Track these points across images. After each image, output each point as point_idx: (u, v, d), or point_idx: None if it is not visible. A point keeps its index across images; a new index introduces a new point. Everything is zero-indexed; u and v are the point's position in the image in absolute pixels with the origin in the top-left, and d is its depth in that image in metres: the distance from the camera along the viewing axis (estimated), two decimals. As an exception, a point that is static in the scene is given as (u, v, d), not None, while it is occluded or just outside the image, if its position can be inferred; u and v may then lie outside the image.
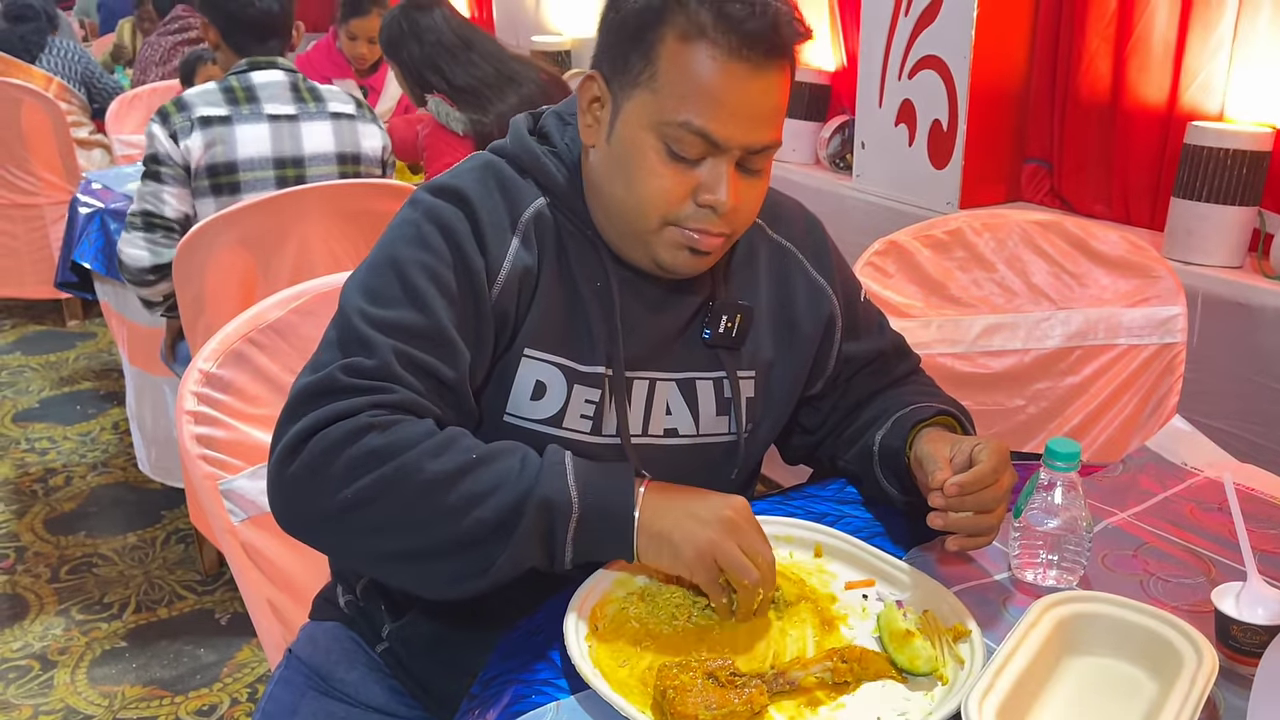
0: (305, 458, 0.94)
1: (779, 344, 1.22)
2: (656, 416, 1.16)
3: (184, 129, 2.19)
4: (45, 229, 4.16)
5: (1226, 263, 1.95)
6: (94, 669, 2.30)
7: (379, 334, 0.99)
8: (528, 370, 1.09)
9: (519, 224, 1.09)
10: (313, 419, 0.95)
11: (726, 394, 1.19)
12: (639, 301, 1.14)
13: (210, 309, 2.12)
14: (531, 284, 1.08)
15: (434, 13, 2.63)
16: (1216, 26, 1.97)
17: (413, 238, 1.05)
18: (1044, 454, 1.07)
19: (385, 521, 0.95)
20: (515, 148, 1.15)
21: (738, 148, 1.03)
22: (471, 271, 1.04)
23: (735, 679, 0.92)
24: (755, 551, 0.99)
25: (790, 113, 2.80)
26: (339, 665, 1.22)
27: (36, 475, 3.15)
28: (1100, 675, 0.96)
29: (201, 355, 1.35)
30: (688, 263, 1.09)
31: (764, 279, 1.22)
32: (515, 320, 1.08)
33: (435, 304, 1.02)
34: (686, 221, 1.06)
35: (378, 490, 0.93)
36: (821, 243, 1.28)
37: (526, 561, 0.98)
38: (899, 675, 0.95)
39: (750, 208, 1.09)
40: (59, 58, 4.44)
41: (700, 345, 1.18)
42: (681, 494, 1.02)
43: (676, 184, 1.04)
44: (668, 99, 1.02)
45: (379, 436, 0.94)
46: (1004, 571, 1.10)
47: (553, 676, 0.95)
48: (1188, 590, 1.07)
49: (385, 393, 0.97)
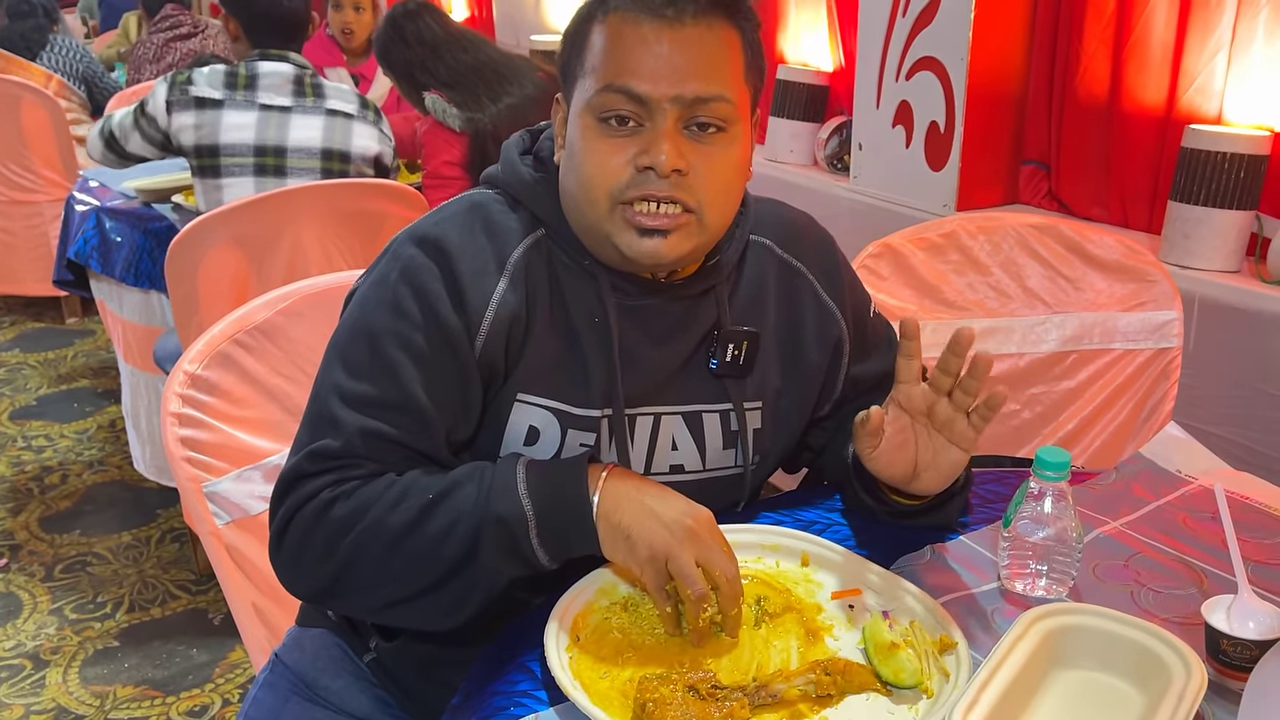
0: (288, 543, 1.02)
1: (786, 372, 1.19)
2: (661, 452, 1.14)
3: (180, 103, 2.28)
4: (44, 226, 4.16)
5: (1224, 267, 1.94)
6: (86, 668, 2.29)
7: (349, 410, 1.02)
8: (520, 415, 1.08)
9: (506, 266, 1.06)
10: (288, 507, 1.01)
11: (733, 426, 1.16)
12: (642, 334, 1.11)
13: (204, 308, 2.11)
14: (521, 328, 1.06)
15: (421, 18, 2.66)
16: (1215, 29, 1.96)
17: (387, 302, 1.04)
18: (1034, 463, 1.06)
19: (369, 579, 1.00)
20: (506, 176, 1.13)
21: (666, 101, 1.00)
22: (447, 330, 1.03)
23: (716, 692, 0.91)
24: (712, 564, 0.95)
25: (788, 113, 2.79)
26: (324, 673, 1.21)
27: (33, 473, 3.15)
28: (1088, 689, 0.94)
29: (187, 357, 1.34)
30: (648, 249, 1.03)
31: (772, 303, 1.19)
32: (506, 367, 1.07)
33: (405, 373, 1.03)
34: (629, 192, 1.01)
35: (353, 554, 0.99)
36: (833, 262, 1.24)
37: (506, 576, 0.99)
38: (883, 688, 0.94)
39: (713, 183, 1.03)
40: (60, 55, 4.44)
41: (706, 375, 1.14)
42: (646, 487, 1.00)
43: (613, 153, 1.02)
44: (595, 74, 1.03)
45: (343, 505, 0.99)
46: (993, 582, 1.09)
47: (532, 688, 0.94)
48: (1179, 601, 1.06)
49: (350, 469, 1.02)
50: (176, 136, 2.30)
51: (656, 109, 1.01)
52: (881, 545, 1.15)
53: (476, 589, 0.99)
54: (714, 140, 1.03)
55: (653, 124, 1.01)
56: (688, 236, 1.04)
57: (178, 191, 2.73)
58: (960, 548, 1.15)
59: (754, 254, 1.19)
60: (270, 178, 2.31)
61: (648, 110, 1.01)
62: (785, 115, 2.79)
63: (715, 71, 1.02)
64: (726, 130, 1.04)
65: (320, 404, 1.05)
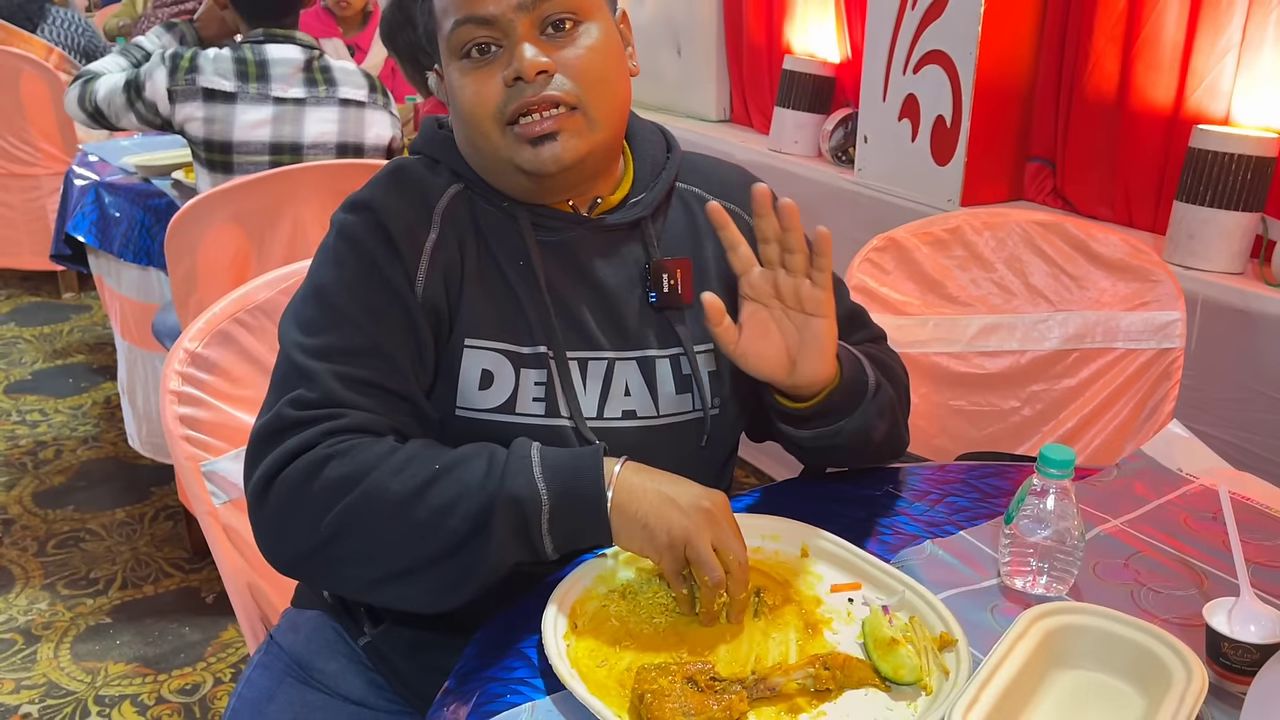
0: (274, 501, 0.97)
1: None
2: (615, 397, 1.14)
3: (185, 93, 2.21)
4: (43, 200, 4.14)
5: (1228, 269, 1.93)
6: (78, 644, 2.29)
7: (316, 361, 1.02)
8: (471, 360, 1.09)
9: (434, 215, 1.10)
10: (272, 460, 0.97)
11: (685, 370, 1.16)
12: (568, 272, 1.13)
13: (203, 285, 2.10)
14: (458, 273, 1.09)
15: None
16: (1225, 30, 1.95)
17: (330, 260, 1.08)
18: (1038, 460, 1.05)
19: (362, 548, 0.96)
20: (423, 141, 1.18)
21: (511, 11, 1.03)
22: (388, 278, 1.05)
23: (715, 684, 0.90)
24: (726, 549, 0.96)
25: (794, 104, 2.78)
26: (319, 655, 1.21)
27: (26, 448, 3.14)
28: (1087, 689, 0.94)
29: (187, 335, 1.33)
30: (545, 156, 1.05)
31: (709, 240, 1.19)
32: (449, 311, 1.08)
33: (361, 319, 1.04)
34: (510, 106, 1.05)
35: (349, 519, 0.95)
36: None
37: (510, 559, 0.98)
38: (882, 684, 0.94)
39: (583, 72, 1.05)
40: (60, 28, 4.41)
41: (653, 320, 1.15)
42: (660, 477, 1.00)
43: (485, 81, 1.06)
44: (445, 19, 1.08)
45: (339, 465, 0.96)
46: (993, 578, 1.09)
47: (529, 675, 0.93)
48: (1179, 602, 1.05)
49: (335, 419, 0.99)
50: (182, 125, 2.26)
51: (506, 24, 1.04)
52: (881, 537, 1.14)
53: (476, 572, 0.96)
54: (572, 33, 1.06)
55: (509, 40, 1.05)
56: (578, 133, 1.06)
57: (178, 168, 2.72)
58: (960, 543, 1.14)
59: (682, 199, 1.21)
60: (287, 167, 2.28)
61: (501, 29, 1.05)
62: (790, 106, 2.78)
63: None
64: (582, 20, 1.07)
65: (285, 364, 1.05)
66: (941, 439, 1.83)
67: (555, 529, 0.97)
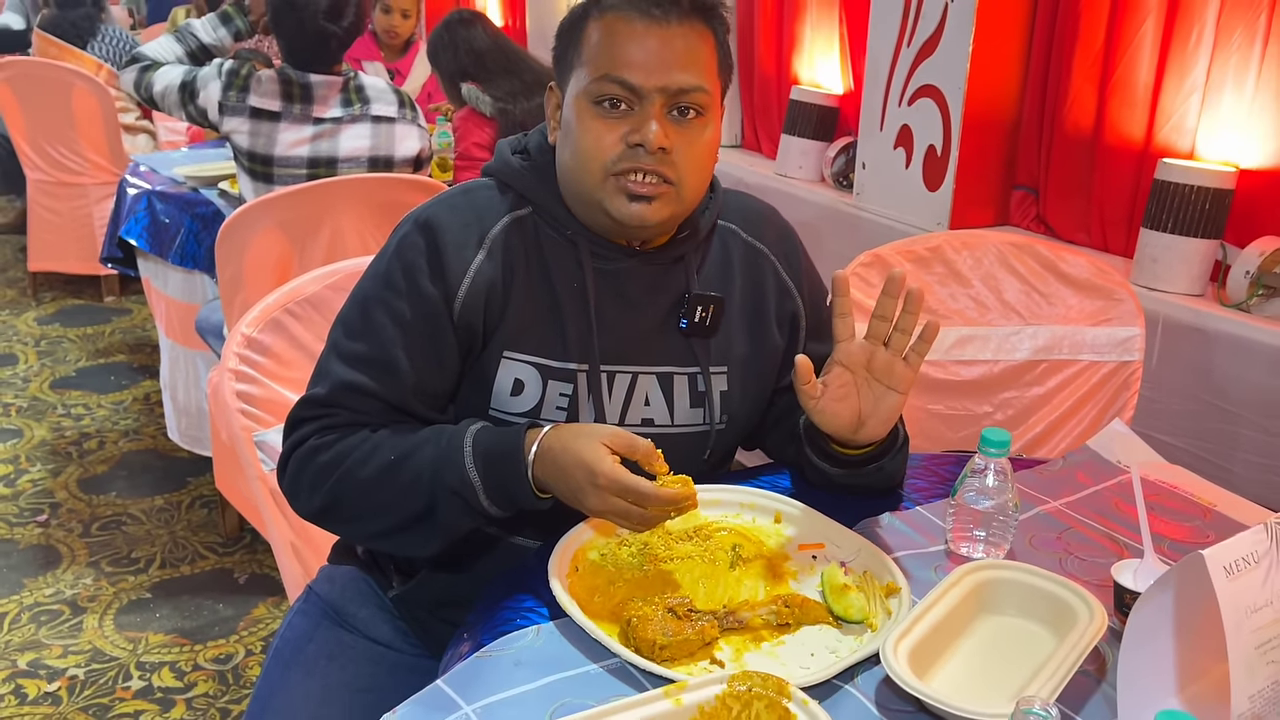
0: (287, 479, 1.23)
1: (751, 341, 1.35)
2: (635, 407, 1.29)
3: (235, 109, 2.43)
4: (89, 208, 4.36)
5: (1188, 290, 2.09)
6: (120, 616, 2.47)
7: (338, 363, 1.22)
8: (506, 371, 1.24)
9: (485, 240, 1.23)
10: (287, 446, 1.23)
11: (700, 388, 1.31)
12: (617, 297, 1.27)
13: (249, 286, 2.29)
14: (500, 294, 1.22)
15: (473, 26, 2.89)
16: (1191, 72, 2.12)
17: (381, 271, 1.24)
18: (979, 442, 1.22)
19: (350, 517, 1.21)
20: (498, 166, 1.30)
21: (655, 90, 1.17)
22: (426, 299, 1.21)
23: (691, 614, 1.07)
24: (630, 493, 1.06)
25: (799, 132, 2.96)
26: (352, 603, 1.38)
27: (72, 438, 3.34)
28: (1007, 631, 1.10)
29: (245, 320, 1.51)
30: (635, 211, 1.19)
31: (738, 278, 1.35)
32: (485, 329, 1.23)
33: (386, 334, 1.21)
34: (621, 164, 1.17)
35: (333, 497, 1.19)
36: (793, 248, 1.40)
37: (465, 527, 1.19)
38: (835, 622, 1.10)
39: (691, 160, 1.19)
40: (109, 45, 4.64)
41: (677, 340, 1.29)
42: (561, 463, 1.10)
43: (607, 131, 1.18)
44: (591, 65, 1.19)
45: (324, 455, 1.19)
46: (940, 544, 1.25)
47: (536, 605, 1.10)
48: (1099, 568, 1.21)
49: (329, 417, 1.21)
50: (229, 135, 2.47)
51: (646, 96, 1.17)
52: (846, 509, 1.29)
53: (439, 536, 1.19)
54: (692, 124, 1.20)
55: (641, 109, 1.18)
56: (667, 204, 1.20)
57: (224, 179, 2.92)
58: (914, 516, 1.31)
59: (721, 236, 1.36)
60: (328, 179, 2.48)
61: (638, 97, 1.18)
62: (796, 134, 2.96)
63: (695, 65, 1.19)
64: (703, 115, 1.20)
65: (322, 358, 1.26)
66: (919, 440, 1.98)
67: (496, 502, 1.16)
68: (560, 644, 1.04)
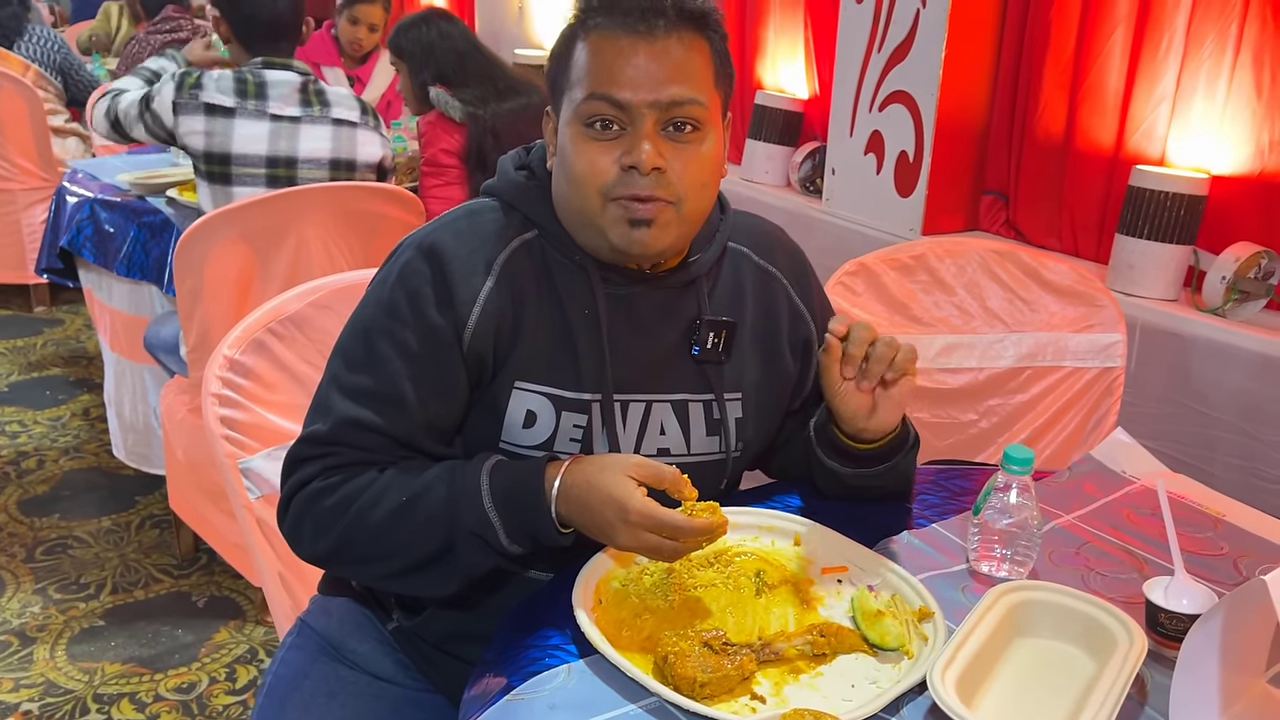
0: (289, 521, 1.17)
1: (764, 366, 1.31)
2: (651, 437, 1.24)
3: (188, 106, 2.35)
4: (17, 215, 4.18)
5: (1163, 295, 2.11)
6: (73, 646, 2.35)
7: (340, 398, 1.16)
8: (518, 401, 1.18)
9: (493, 267, 1.17)
10: (288, 488, 1.17)
11: (715, 415, 1.27)
12: (628, 323, 1.22)
13: (207, 299, 2.20)
14: (510, 323, 1.17)
15: (455, 26, 2.81)
16: (1160, 80, 2.14)
17: (384, 302, 1.17)
18: (1002, 459, 1.20)
19: (358, 560, 1.16)
20: (502, 185, 1.25)
21: (644, 107, 1.11)
22: (433, 329, 1.15)
23: (727, 648, 1.03)
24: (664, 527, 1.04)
25: (764, 137, 2.94)
26: (351, 637, 1.32)
27: (8, 458, 3.19)
28: (1045, 655, 1.09)
29: (226, 342, 1.44)
30: (636, 238, 1.14)
31: (750, 301, 1.31)
32: (495, 359, 1.17)
33: (393, 367, 1.15)
34: (618, 190, 1.12)
35: (341, 542, 1.14)
36: (803, 270, 1.38)
37: (485, 567, 1.14)
38: (870, 650, 1.08)
39: (689, 177, 1.14)
40: (37, 45, 4.45)
41: (691, 368, 1.25)
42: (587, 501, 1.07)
43: (600, 155, 1.13)
44: (579, 86, 1.14)
45: (330, 498, 1.13)
46: (962, 564, 1.23)
47: (563, 642, 1.06)
48: (1122, 584, 1.21)
49: (333, 456, 1.16)
50: (183, 138, 2.38)
51: (636, 114, 1.12)
52: (864, 528, 1.27)
53: (455, 577, 1.13)
54: (689, 139, 1.14)
55: (634, 128, 1.12)
56: (668, 225, 1.15)
57: (172, 186, 2.80)
58: (932, 534, 1.29)
59: (732, 259, 1.32)
60: (283, 186, 2.39)
61: (629, 115, 1.12)
62: (762, 139, 2.94)
63: (687, 78, 1.13)
64: (700, 129, 1.15)
65: (321, 392, 1.19)
66: (906, 449, 1.98)
67: (516, 539, 1.11)
68: (594, 684, 1.00)
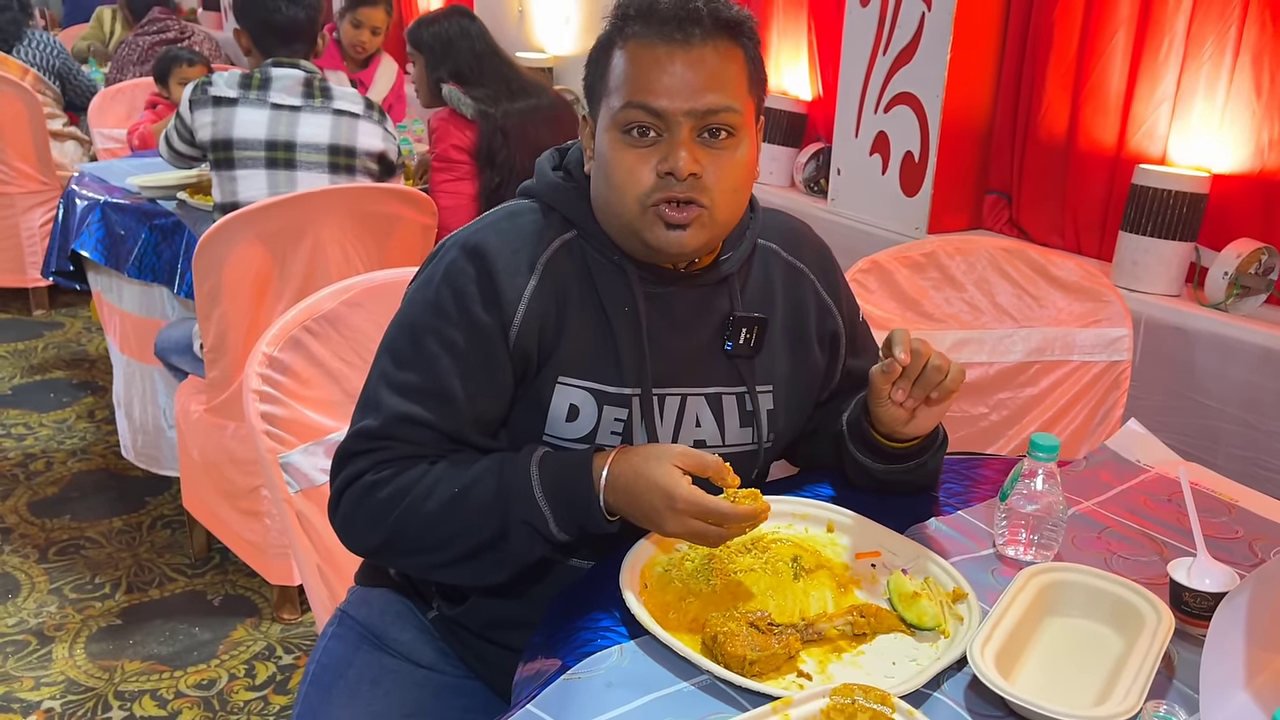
0: (341, 514, 1.20)
1: (794, 358, 1.35)
2: (687, 429, 1.28)
3: (200, 101, 2.44)
4: (16, 219, 4.19)
5: (1166, 291, 2.16)
6: (91, 644, 2.37)
7: (390, 394, 1.19)
8: (561, 396, 1.22)
9: (536, 266, 1.20)
10: (339, 482, 1.20)
11: (748, 407, 1.31)
12: (665, 320, 1.26)
13: (225, 300, 2.22)
14: (553, 320, 1.20)
15: (476, 25, 2.85)
16: (1162, 81, 2.20)
17: (430, 301, 1.20)
18: (1029, 447, 1.25)
19: (410, 551, 1.19)
20: (540, 186, 1.28)
21: (680, 114, 1.14)
22: (479, 327, 1.18)
23: (773, 628, 1.07)
24: (710, 514, 1.08)
25: (768, 138, 2.99)
26: (392, 626, 1.35)
27: (16, 460, 3.19)
28: (1076, 633, 1.13)
29: (265, 339, 1.47)
30: (672, 239, 1.17)
31: (780, 297, 1.35)
32: (540, 355, 1.21)
33: (441, 364, 1.18)
34: (655, 195, 1.15)
35: (394, 533, 1.16)
36: (830, 265, 1.41)
37: (535, 555, 1.17)
38: (908, 630, 1.12)
39: (723, 182, 1.17)
40: (35, 49, 4.46)
41: (723, 359, 1.29)
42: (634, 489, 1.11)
43: (638, 163, 1.16)
44: (616, 93, 1.17)
45: (383, 489, 1.16)
46: (989, 548, 1.27)
47: (613, 624, 1.09)
48: (1144, 566, 1.25)
49: (386, 449, 1.19)
50: (197, 133, 2.42)
51: (673, 121, 1.15)
52: (893, 515, 1.31)
53: (507, 564, 1.17)
54: (724, 145, 1.18)
55: (670, 134, 1.16)
56: (702, 228, 1.18)
57: (182, 189, 2.82)
58: (959, 521, 1.33)
59: (762, 256, 1.35)
60: (281, 170, 2.44)
61: (665, 123, 1.15)
62: (766, 140, 2.98)
63: (722, 85, 1.16)
64: (734, 135, 1.18)
65: (370, 388, 1.22)
66: (918, 442, 2.02)
67: (566, 530, 1.15)
68: (647, 663, 1.04)
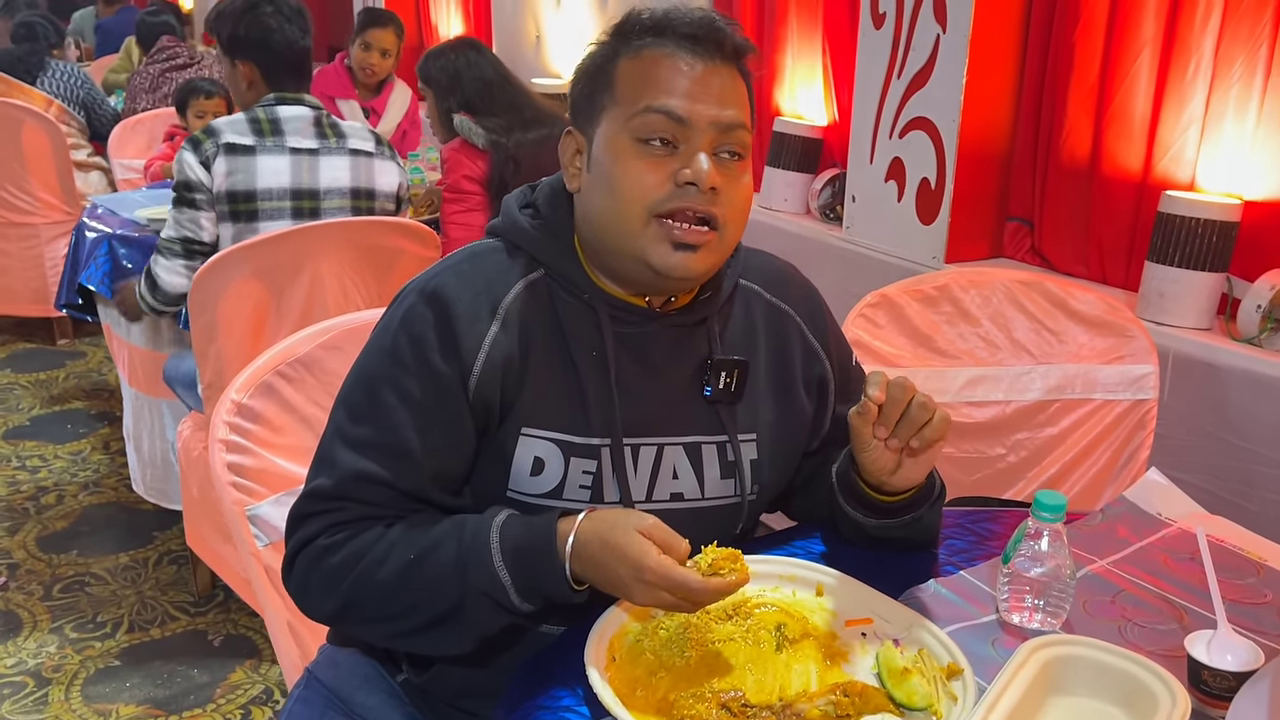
0: (293, 580, 1.14)
1: (778, 406, 1.27)
2: (663, 481, 1.20)
3: (212, 154, 2.30)
4: (40, 249, 4.21)
5: (1196, 324, 2.06)
6: (88, 687, 2.33)
7: (344, 449, 1.13)
8: (525, 448, 1.15)
9: (498, 310, 1.14)
10: (292, 545, 1.14)
11: (730, 457, 1.23)
12: (638, 363, 1.18)
13: (222, 336, 2.18)
14: (516, 367, 1.13)
15: (483, 55, 2.82)
16: (1189, 103, 2.09)
17: (387, 350, 1.14)
18: (1032, 505, 1.15)
19: (366, 620, 1.13)
20: (506, 226, 1.21)
21: (704, 123, 1.09)
22: (438, 377, 1.11)
23: (746, 710, 0.99)
24: (678, 587, 0.99)
25: (783, 164, 2.91)
26: (359, 690, 1.28)
27: (28, 493, 3.18)
28: (1082, 715, 1.03)
29: (234, 386, 1.41)
30: (678, 261, 1.11)
31: (762, 340, 1.27)
32: (502, 405, 1.14)
33: (398, 417, 1.11)
34: (668, 205, 1.09)
35: (348, 601, 1.10)
36: (818, 308, 1.33)
37: (496, 626, 1.10)
38: (897, 710, 1.03)
39: (735, 203, 1.12)
40: (59, 80, 4.49)
41: (703, 408, 1.21)
42: (600, 559, 1.03)
43: (653, 169, 1.09)
44: (629, 100, 1.11)
45: (335, 556, 1.10)
46: (992, 614, 1.18)
47: (574, 703, 1.02)
48: (1162, 636, 1.15)
49: (338, 511, 1.12)
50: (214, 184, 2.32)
51: (695, 129, 1.09)
52: (889, 577, 1.23)
53: (466, 635, 1.09)
54: (735, 166, 1.13)
55: (689, 144, 1.09)
56: (710, 253, 1.12)
57: (189, 221, 2.79)
58: (960, 582, 1.24)
59: (743, 297, 1.28)
60: (306, 219, 2.37)
61: (686, 131, 1.09)
62: (780, 166, 2.91)
63: (740, 105, 1.13)
64: (744, 160, 1.14)
65: (325, 444, 1.16)
66: (932, 485, 1.93)
67: (528, 599, 1.07)
68: (608, 748, 0.96)
